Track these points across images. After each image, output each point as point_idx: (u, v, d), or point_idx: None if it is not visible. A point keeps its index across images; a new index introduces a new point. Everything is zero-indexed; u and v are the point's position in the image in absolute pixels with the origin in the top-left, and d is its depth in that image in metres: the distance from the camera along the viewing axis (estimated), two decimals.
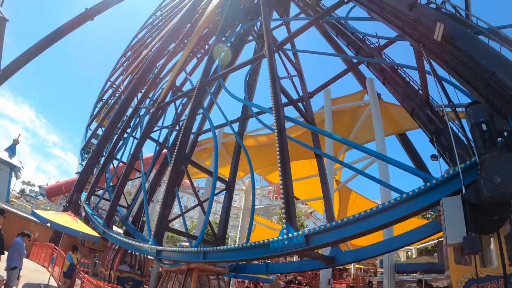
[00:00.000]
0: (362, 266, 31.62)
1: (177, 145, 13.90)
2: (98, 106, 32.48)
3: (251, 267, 13.64)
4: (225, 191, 16.34)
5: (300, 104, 15.72)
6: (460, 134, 8.25)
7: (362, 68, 18.06)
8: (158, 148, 20.06)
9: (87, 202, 18.44)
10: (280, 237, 7.65)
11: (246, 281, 22.48)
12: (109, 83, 34.38)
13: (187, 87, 22.20)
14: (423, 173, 7.91)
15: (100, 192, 21.12)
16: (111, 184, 21.55)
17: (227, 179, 16.37)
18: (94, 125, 30.06)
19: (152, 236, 11.67)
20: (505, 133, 5.86)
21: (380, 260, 24.81)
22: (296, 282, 24.85)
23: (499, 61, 6.36)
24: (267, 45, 13.37)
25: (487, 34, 7.48)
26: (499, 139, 5.79)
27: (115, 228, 17.50)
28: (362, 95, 18.25)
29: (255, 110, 13.66)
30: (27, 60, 17.63)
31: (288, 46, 16.15)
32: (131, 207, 17.97)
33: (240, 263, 12.60)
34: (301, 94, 16.39)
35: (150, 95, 22.69)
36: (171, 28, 22.88)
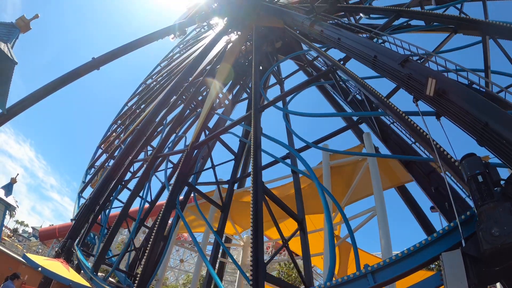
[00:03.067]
0: None
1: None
2: (90, 172, 32.82)
3: None
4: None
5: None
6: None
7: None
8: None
9: (80, 248, 18.18)
10: None
11: None
12: (126, 107, 35.16)
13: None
14: None
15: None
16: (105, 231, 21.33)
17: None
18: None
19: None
20: (502, 182, 5.85)
21: None
22: None
23: (491, 111, 6.48)
24: (253, 109, 14.03)
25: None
26: (496, 188, 5.77)
27: None
28: (360, 149, 18.38)
29: None
30: (32, 102, 18.07)
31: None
32: (121, 255, 17.62)
33: None
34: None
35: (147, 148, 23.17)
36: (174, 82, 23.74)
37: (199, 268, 20.67)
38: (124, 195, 22.03)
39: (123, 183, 21.62)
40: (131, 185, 21.10)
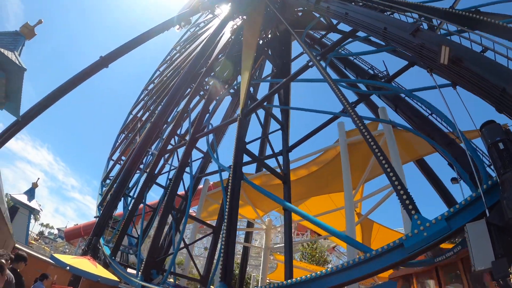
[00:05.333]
0: None
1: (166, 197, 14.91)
2: (120, 138, 33.58)
3: None
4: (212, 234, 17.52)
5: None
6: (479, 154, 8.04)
7: (374, 97, 18.14)
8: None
9: (105, 244, 18.69)
10: None
11: None
12: (131, 116, 35.57)
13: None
14: None
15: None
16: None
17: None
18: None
19: (140, 272, 13.16)
20: None
21: None
22: None
23: (508, 76, 6.24)
24: (240, 110, 14.15)
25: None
26: None
27: None
28: (376, 125, 18.12)
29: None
30: (45, 107, 18.32)
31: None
32: (141, 240, 18.02)
33: None
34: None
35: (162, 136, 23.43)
36: (184, 72, 23.74)
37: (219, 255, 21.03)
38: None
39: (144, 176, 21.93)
40: (160, 180, 21.28)
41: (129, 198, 22.93)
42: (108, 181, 30.10)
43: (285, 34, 22.64)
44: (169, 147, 21.11)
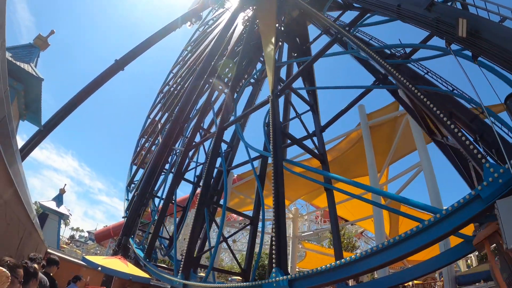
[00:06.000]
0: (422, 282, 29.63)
1: (200, 190, 14.52)
2: (140, 143, 33.96)
3: None
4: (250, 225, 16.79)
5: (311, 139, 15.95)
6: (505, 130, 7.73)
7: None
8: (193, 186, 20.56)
9: (131, 237, 19.01)
10: (270, 279, 8.24)
11: None
12: (149, 120, 35.93)
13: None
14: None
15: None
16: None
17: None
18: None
19: (180, 270, 12.68)
20: None
21: (439, 273, 23.28)
22: None
23: None
24: (270, 91, 13.71)
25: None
26: None
27: None
28: (396, 106, 17.77)
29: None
30: (66, 114, 18.67)
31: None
32: (175, 241, 18.16)
33: None
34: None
35: (185, 134, 23.50)
36: (199, 68, 23.79)
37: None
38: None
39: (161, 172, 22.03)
40: (188, 176, 21.26)
41: (157, 200, 23.03)
42: (132, 185, 30.57)
43: (300, 19, 22.27)
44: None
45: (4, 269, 2.10)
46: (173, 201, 18.70)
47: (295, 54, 22.06)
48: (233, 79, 18.73)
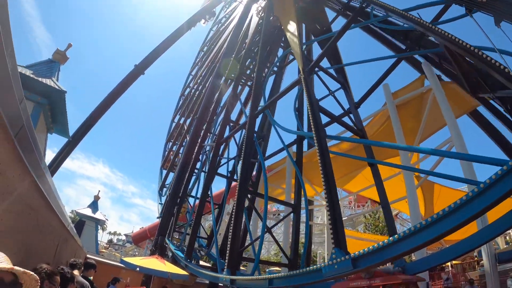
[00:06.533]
0: (460, 262, 28.80)
1: (238, 180, 14.25)
2: (168, 147, 34.39)
3: None
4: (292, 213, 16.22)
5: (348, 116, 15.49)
6: None
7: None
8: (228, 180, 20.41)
9: (169, 239, 19.22)
10: (330, 261, 7.81)
11: None
12: (174, 123, 36.30)
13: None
14: None
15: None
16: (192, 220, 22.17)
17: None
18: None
19: (226, 266, 12.17)
20: None
21: (478, 251, 22.57)
22: None
23: None
24: (301, 70, 13.27)
25: None
26: None
27: None
28: (422, 81, 17.18)
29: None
30: (92, 123, 19.06)
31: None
32: (215, 237, 18.22)
33: None
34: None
35: (212, 131, 23.55)
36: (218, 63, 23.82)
37: (287, 236, 20.83)
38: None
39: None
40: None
41: (191, 200, 23.07)
42: (164, 189, 30.99)
43: (315, 2, 21.84)
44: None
45: (32, 273, 2.08)
46: (208, 199, 18.67)
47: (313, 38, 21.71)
48: (257, 68, 18.46)
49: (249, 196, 15.40)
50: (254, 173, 20.31)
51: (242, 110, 24.52)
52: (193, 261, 16.94)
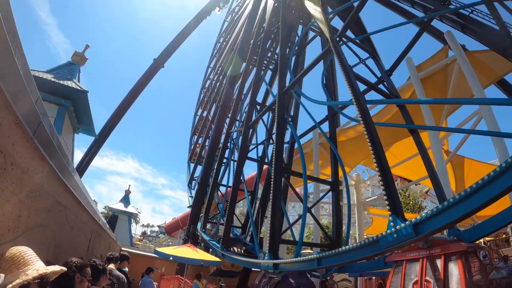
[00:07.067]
0: (493, 238, 27.97)
1: (273, 159, 13.95)
2: (193, 141, 34.74)
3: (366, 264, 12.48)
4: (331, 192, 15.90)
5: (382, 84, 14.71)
6: None
7: (436, 24, 16.64)
8: (259, 165, 20.39)
9: (203, 230, 19.41)
10: (388, 231, 7.06)
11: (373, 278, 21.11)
12: (197, 117, 36.56)
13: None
14: None
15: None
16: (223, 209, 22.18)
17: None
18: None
19: (268, 251, 11.77)
20: None
21: (511, 227, 21.86)
22: None
23: None
24: (329, 38, 12.76)
25: None
26: None
27: None
28: (445, 52, 16.59)
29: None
30: (117, 120, 19.44)
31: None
32: (248, 227, 18.14)
33: None
34: (379, 74, 15.35)
35: (238, 117, 23.57)
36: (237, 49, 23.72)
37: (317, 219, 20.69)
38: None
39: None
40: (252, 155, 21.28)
41: (222, 189, 22.96)
42: (194, 182, 31.30)
43: None
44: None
45: (22, 251, 2.17)
46: (241, 186, 18.31)
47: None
48: (280, 46, 18.14)
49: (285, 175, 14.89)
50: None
51: (268, 90, 24.25)
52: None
